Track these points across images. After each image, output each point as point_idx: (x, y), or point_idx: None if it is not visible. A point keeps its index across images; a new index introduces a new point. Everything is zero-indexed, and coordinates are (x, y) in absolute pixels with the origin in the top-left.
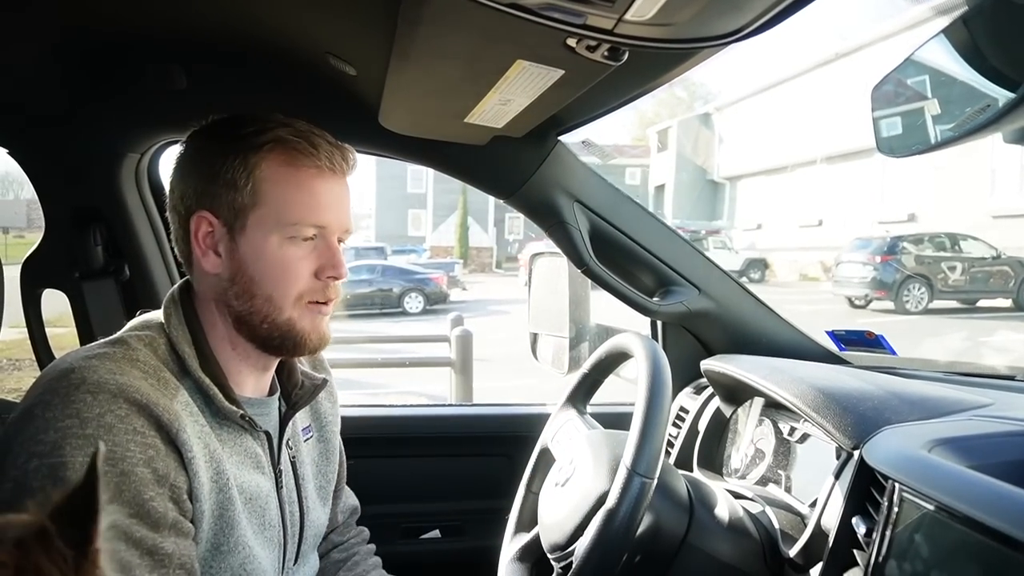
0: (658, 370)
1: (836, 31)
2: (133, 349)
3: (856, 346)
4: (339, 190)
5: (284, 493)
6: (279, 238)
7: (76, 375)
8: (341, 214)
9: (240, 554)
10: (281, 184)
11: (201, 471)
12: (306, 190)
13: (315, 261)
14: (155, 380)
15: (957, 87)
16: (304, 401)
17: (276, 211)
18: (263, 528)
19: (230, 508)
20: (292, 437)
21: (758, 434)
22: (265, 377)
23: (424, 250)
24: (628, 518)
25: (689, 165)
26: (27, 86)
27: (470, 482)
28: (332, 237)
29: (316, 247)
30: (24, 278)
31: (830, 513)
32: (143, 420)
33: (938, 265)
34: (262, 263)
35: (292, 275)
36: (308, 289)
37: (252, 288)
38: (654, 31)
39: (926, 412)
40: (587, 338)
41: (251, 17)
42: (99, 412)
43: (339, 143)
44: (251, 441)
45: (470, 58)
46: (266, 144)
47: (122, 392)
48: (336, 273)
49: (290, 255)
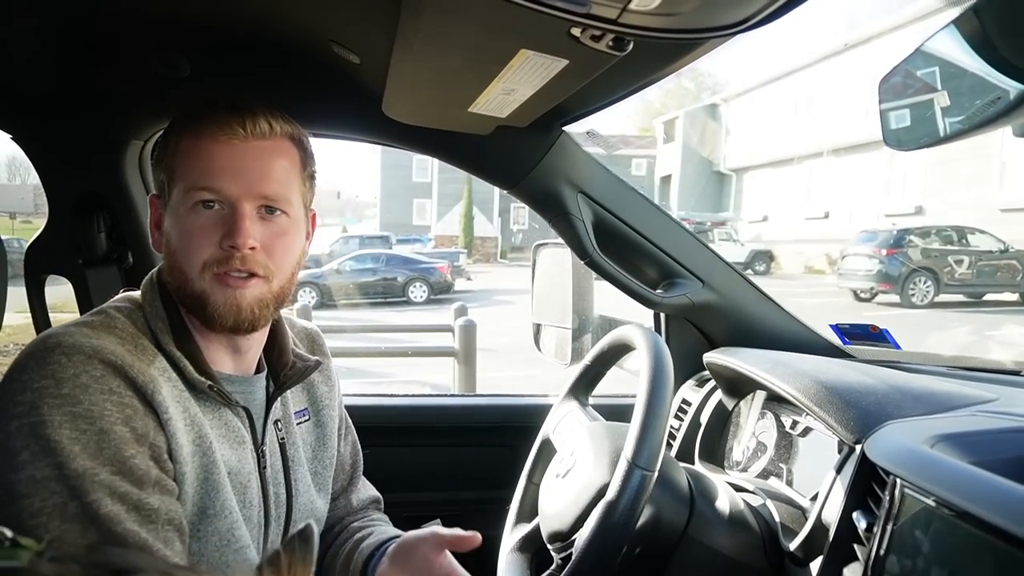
0: (660, 363)
1: (846, 21)
2: (113, 318)
3: (860, 340)
4: (239, 154)
5: (268, 473)
6: (184, 208)
7: (53, 339)
8: (245, 180)
9: (227, 519)
10: (186, 156)
11: (180, 433)
12: (202, 156)
13: (219, 230)
14: (132, 346)
15: (967, 79)
16: (292, 381)
17: (182, 181)
18: (243, 505)
19: (214, 472)
20: (283, 419)
21: (760, 427)
22: (244, 356)
23: (429, 239)
24: (628, 510)
25: (695, 156)
26: (31, 73)
27: (472, 472)
28: (238, 204)
29: (222, 215)
30: (28, 264)
31: (831, 507)
32: (119, 380)
33: (945, 259)
34: (174, 234)
35: (193, 243)
36: (212, 259)
37: (170, 261)
38: (659, 21)
39: (929, 407)
40: (590, 329)
41: (255, 4)
42: (74, 372)
43: (251, 107)
44: (231, 416)
45: (473, 47)
46: (178, 121)
47: (96, 353)
48: (232, 241)
49: (192, 223)
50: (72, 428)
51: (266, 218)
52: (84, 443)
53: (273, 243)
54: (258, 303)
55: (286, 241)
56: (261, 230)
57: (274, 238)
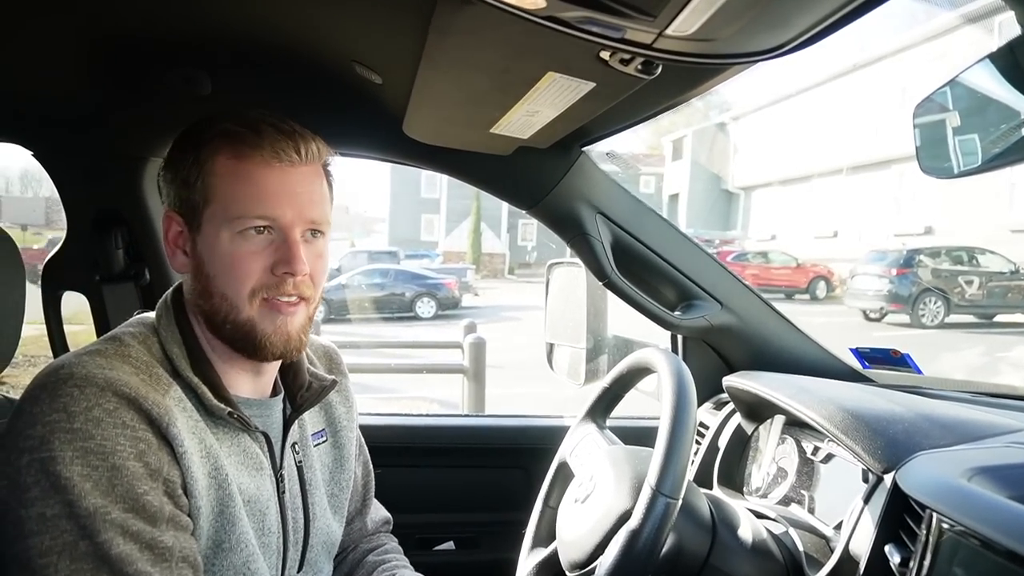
0: (683, 388)
1: (855, 42)
2: (126, 346)
3: (881, 364)
4: (292, 180)
5: (287, 498)
6: (229, 233)
7: (65, 370)
8: (297, 205)
9: (243, 552)
10: (227, 178)
11: (195, 466)
12: (251, 181)
13: (270, 256)
14: (147, 376)
15: (1003, 111)
16: (309, 403)
17: (224, 206)
18: (261, 533)
19: (230, 505)
20: (300, 441)
21: (780, 452)
22: (262, 379)
23: (437, 255)
24: (652, 539)
25: (704, 174)
26: (53, 90)
27: (485, 494)
28: (290, 231)
29: (272, 241)
30: (45, 280)
31: (859, 538)
32: (132, 414)
33: (955, 279)
34: (216, 260)
35: (242, 271)
36: (261, 285)
37: (210, 286)
38: (693, 46)
39: (958, 436)
40: (605, 350)
41: (278, 25)
42: (86, 406)
43: (297, 130)
44: (249, 442)
45: (500, 69)
46: (213, 139)
47: (110, 386)
48: (289, 268)
49: (240, 250)
50: (83, 464)
51: (310, 241)
52: (95, 480)
53: (316, 266)
54: (303, 329)
55: (324, 263)
56: (307, 254)
57: (317, 261)
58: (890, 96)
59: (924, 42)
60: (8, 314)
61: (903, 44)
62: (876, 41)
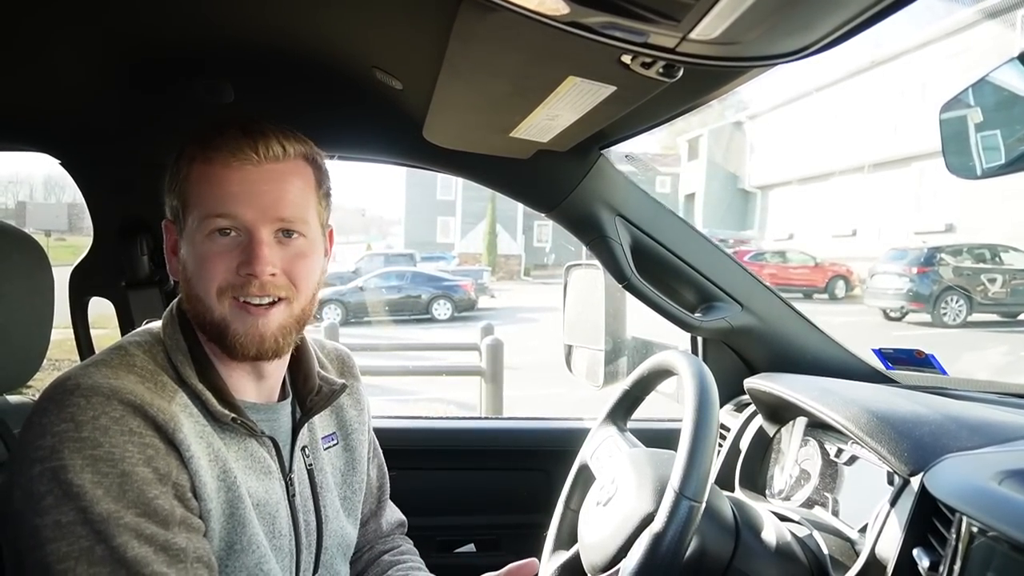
0: (706, 390)
1: (872, 38)
2: (131, 355)
3: (904, 365)
4: (252, 178)
5: (298, 502)
6: (200, 236)
7: (71, 382)
8: (260, 205)
9: (255, 553)
10: (197, 181)
11: (203, 470)
12: (213, 182)
13: (236, 256)
14: (152, 383)
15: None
16: (318, 408)
17: (196, 209)
18: (272, 535)
19: (240, 507)
20: (310, 444)
21: (803, 454)
22: (265, 382)
23: (453, 257)
24: (676, 542)
25: (720, 174)
26: (80, 99)
27: (506, 496)
28: (255, 230)
29: (239, 243)
30: (72, 286)
31: (886, 542)
32: (139, 420)
33: (977, 277)
34: (190, 262)
35: (208, 271)
36: (228, 284)
37: (188, 288)
38: (716, 49)
39: (986, 438)
40: (624, 352)
41: (299, 34)
42: (93, 415)
43: (263, 129)
44: (256, 446)
45: (521, 74)
46: (188, 146)
47: (116, 394)
48: (250, 269)
49: (208, 250)
50: (94, 472)
51: (284, 241)
52: (106, 487)
53: (293, 266)
54: (281, 330)
55: (306, 263)
56: (280, 254)
57: (294, 261)
58: (910, 92)
59: (944, 37)
60: (38, 320)
61: (923, 40)
62: (894, 37)
